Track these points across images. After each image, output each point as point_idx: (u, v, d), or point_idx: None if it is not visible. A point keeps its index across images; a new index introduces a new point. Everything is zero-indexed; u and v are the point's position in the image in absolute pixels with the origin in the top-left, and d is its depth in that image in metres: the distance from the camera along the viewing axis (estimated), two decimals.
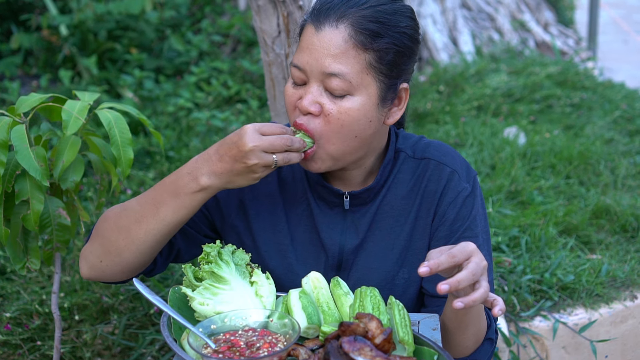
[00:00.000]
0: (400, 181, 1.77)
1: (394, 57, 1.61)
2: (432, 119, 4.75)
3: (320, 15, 1.59)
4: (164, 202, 1.62)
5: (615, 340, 2.82)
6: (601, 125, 4.74)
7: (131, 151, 1.85)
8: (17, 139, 1.72)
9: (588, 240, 3.25)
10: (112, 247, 1.65)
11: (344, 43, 1.56)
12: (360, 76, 1.58)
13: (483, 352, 1.64)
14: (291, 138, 1.54)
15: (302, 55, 1.60)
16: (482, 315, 1.61)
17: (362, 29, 1.57)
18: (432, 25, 6.20)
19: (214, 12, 6.15)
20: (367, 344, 1.32)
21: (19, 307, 2.68)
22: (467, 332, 1.60)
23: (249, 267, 1.58)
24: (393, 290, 1.76)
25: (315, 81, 1.59)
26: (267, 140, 1.52)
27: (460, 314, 1.56)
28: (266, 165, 1.53)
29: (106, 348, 2.63)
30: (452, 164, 1.77)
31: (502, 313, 1.42)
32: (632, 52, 8.98)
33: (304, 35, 1.62)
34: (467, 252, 1.40)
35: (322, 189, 1.77)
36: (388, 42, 1.59)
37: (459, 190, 1.74)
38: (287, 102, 1.66)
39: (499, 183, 3.59)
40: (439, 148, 1.79)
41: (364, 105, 1.60)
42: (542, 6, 7.25)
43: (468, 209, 1.74)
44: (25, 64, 5.58)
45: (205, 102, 4.88)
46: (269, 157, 1.53)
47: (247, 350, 1.35)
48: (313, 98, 1.59)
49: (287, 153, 1.54)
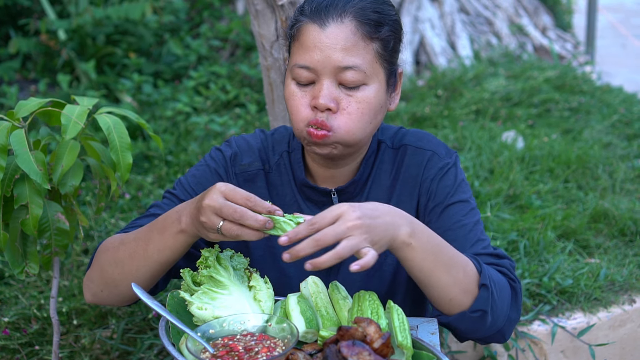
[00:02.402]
0: (382, 172, 1.81)
1: (394, 44, 1.68)
2: (431, 123, 4.75)
3: (320, 13, 1.62)
4: (151, 240, 1.59)
5: (613, 345, 2.82)
6: (599, 130, 4.75)
7: (130, 156, 1.85)
8: (17, 143, 1.72)
9: (586, 244, 3.26)
10: (109, 278, 1.66)
11: (353, 35, 1.61)
12: (372, 65, 1.63)
13: (482, 300, 1.59)
14: (244, 212, 1.42)
15: (310, 55, 1.62)
16: (453, 265, 1.58)
17: (366, 20, 1.62)
18: (431, 29, 6.21)
19: (213, 16, 6.16)
20: (365, 349, 1.32)
21: (17, 312, 2.68)
22: (439, 287, 1.57)
23: (248, 271, 1.58)
24: (383, 276, 1.79)
25: (328, 77, 1.62)
26: (220, 204, 1.44)
27: (414, 273, 1.55)
28: (211, 227, 1.45)
29: (104, 353, 2.62)
30: (429, 146, 1.82)
31: (358, 268, 1.38)
32: (630, 56, 9.00)
33: (305, 35, 1.63)
34: (330, 218, 1.40)
35: (309, 190, 1.80)
36: (388, 30, 1.66)
37: (440, 166, 1.79)
38: (295, 104, 1.66)
39: (497, 187, 3.59)
40: (415, 134, 1.84)
41: (378, 93, 1.66)
42: (540, 10, 7.26)
43: (452, 177, 1.78)
44: (23, 68, 5.58)
45: (204, 106, 4.88)
46: (216, 220, 1.44)
47: (245, 354, 1.35)
48: (329, 94, 1.61)
49: (237, 226, 1.43)
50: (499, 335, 1.66)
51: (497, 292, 1.62)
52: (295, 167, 1.82)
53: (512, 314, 1.66)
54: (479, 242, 1.72)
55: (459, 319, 1.60)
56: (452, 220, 1.74)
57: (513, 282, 1.68)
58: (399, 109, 4.87)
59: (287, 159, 1.84)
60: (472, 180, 3.60)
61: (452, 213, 1.75)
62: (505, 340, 1.69)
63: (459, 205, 1.75)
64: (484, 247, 1.72)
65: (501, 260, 1.70)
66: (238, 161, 1.83)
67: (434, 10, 6.39)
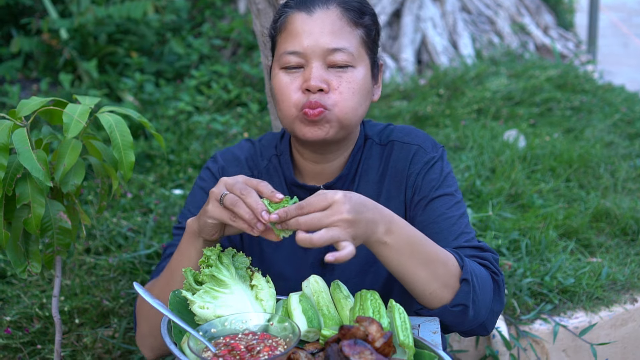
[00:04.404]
0: (370, 167, 1.84)
1: (375, 34, 1.75)
2: (433, 122, 4.75)
3: (306, 2, 1.70)
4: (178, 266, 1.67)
5: (615, 344, 2.82)
6: (601, 129, 4.74)
7: (132, 154, 1.85)
8: (19, 142, 1.72)
9: (588, 243, 3.25)
10: (158, 324, 1.67)
11: (339, 20, 1.68)
12: (358, 50, 1.70)
13: (463, 295, 1.61)
14: (250, 191, 1.49)
15: (298, 40, 1.68)
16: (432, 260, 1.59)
17: (350, 7, 1.70)
18: (432, 28, 6.20)
19: (214, 15, 6.16)
20: (367, 348, 1.32)
21: (19, 311, 2.68)
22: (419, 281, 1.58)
23: (249, 270, 1.58)
24: (378, 272, 1.81)
25: (317, 60, 1.67)
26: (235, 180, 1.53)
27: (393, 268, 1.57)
28: (216, 196, 1.53)
29: (106, 352, 2.63)
30: (415, 141, 1.84)
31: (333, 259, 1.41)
32: (632, 55, 8.99)
33: (293, 23, 1.70)
34: (321, 205, 1.44)
35: (298, 189, 1.84)
36: (369, 19, 1.74)
37: (426, 160, 1.81)
38: (285, 90, 1.69)
39: (499, 186, 3.59)
40: (402, 130, 1.88)
41: (365, 76, 1.71)
42: (542, 9, 7.26)
43: (437, 171, 1.81)
44: (25, 67, 5.58)
45: (206, 105, 4.88)
46: (222, 190, 1.52)
47: (247, 353, 1.35)
48: (320, 75, 1.66)
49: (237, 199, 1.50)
50: (481, 328, 1.68)
51: (479, 286, 1.63)
52: (284, 168, 1.86)
53: (494, 306, 1.68)
54: (462, 234, 1.74)
55: (440, 313, 1.63)
56: (436, 213, 1.76)
57: (495, 275, 1.70)
58: (400, 108, 4.87)
59: (277, 162, 1.88)
60: (473, 180, 3.60)
61: (436, 206, 1.77)
62: (488, 332, 1.72)
63: (443, 199, 1.78)
64: (467, 240, 1.73)
65: (484, 253, 1.72)
66: (226, 174, 1.87)
67: (436, 9, 6.38)
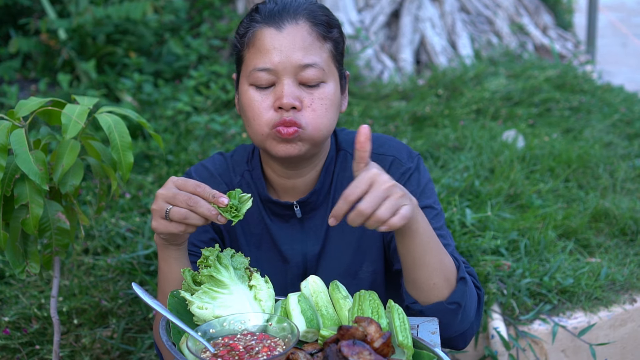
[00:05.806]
0: (345, 179, 1.82)
1: (342, 46, 1.75)
2: (431, 123, 4.75)
3: (275, 17, 1.67)
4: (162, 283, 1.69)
5: (614, 344, 2.82)
6: (600, 129, 4.74)
7: (131, 155, 1.85)
8: (17, 143, 1.72)
9: (587, 243, 3.25)
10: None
11: (309, 35, 1.66)
12: (328, 64, 1.69)
13: (460, 293, 1.63)
14: (197, 200, 1.48)
15: (268, 57, 1.65)
16: (441, 250, 1.61)
17: (318, 22, 1.69)
18: (431, 28, 6.20)
19: (213, 16, 6.15)
20: (366, 348, 1.32)
21: (18, 311, 2.68)
22: (427, 268, 1.60)
23: (248, 271, 1.58)
24: (360, 285, 1.81)
25: (289, 77, 1.65)
26: (172, 192, 1.50)
27: (412, 249, 1.57)
28: (160, 214, 1.51)
29: (105, 352, 2.63)
30: (391, 152, 1.84)
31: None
32: (631, 55, 9.00)
33: (262, 39, 1.66)
34: (364, 186, 1.43)
35: (272, 205, 1.82)
36: (337, 32, 1.73)
37: (402, 172, 1.80)
38: (256, 108, 1.67)
39: (497, 186, 3.59)
40: (377, 140, 1.86)
41: (335, 91, 1.71)
42: (540, 10, 7.25)
43: (414, 183, 1.80)
44: (23, 67, 5.58)
45: (204, 105, 4.88)
46: (164, 206, 1.50)
47: (246, 354, 1.35)
48: (292, 92, 1.64)
49: (185, 210, 1.49)
50: (460, 339, 1.68)
51: (469, 292, 1.65)
52: (257, 184, 1.84)
53: (475, 321, 1.70)
54: (445, 247, 1.73)
55: (434, 309, 1.62)
56: None
57: (478, 289, 1.72)
58: (399, 108, 4.86)
59: (250, 177, 1.86)
60: (472, 180, 3.60)
61: None
62: (465, 345, 1.72)
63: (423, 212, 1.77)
64: (450, 253, 1.73)
65: (468, 268, 1.73)
66: None
67: (435, 10, 6.38)
